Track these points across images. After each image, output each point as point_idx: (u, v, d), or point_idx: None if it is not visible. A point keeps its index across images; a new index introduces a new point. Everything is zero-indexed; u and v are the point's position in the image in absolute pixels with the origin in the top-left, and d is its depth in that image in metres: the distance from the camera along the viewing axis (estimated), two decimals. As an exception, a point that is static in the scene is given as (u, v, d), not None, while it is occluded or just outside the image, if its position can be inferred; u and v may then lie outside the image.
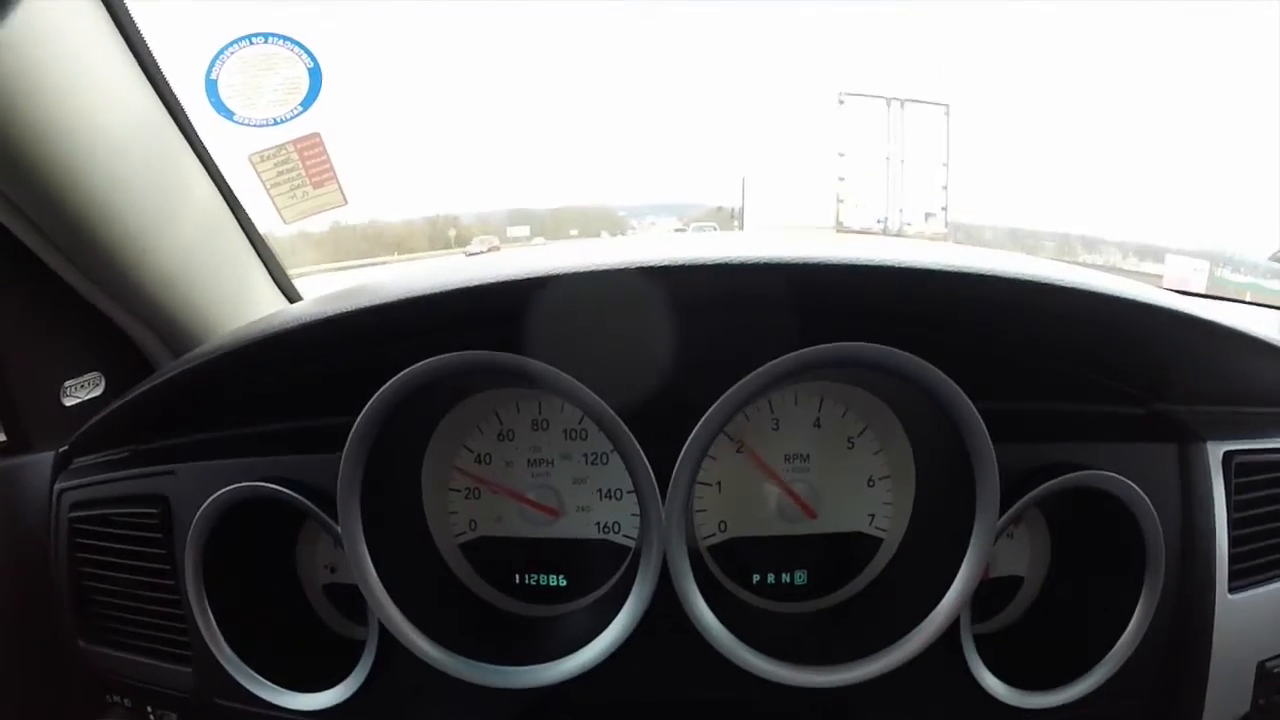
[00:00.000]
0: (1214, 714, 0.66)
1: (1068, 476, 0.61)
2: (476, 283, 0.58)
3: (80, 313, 0.78)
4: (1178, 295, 0.65)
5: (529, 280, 0.58)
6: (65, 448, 0.77)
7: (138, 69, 0.71)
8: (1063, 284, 0.57)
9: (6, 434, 0.77)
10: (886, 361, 0.56)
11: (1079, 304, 0.58)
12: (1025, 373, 0.66)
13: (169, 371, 0.68)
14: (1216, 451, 0.66)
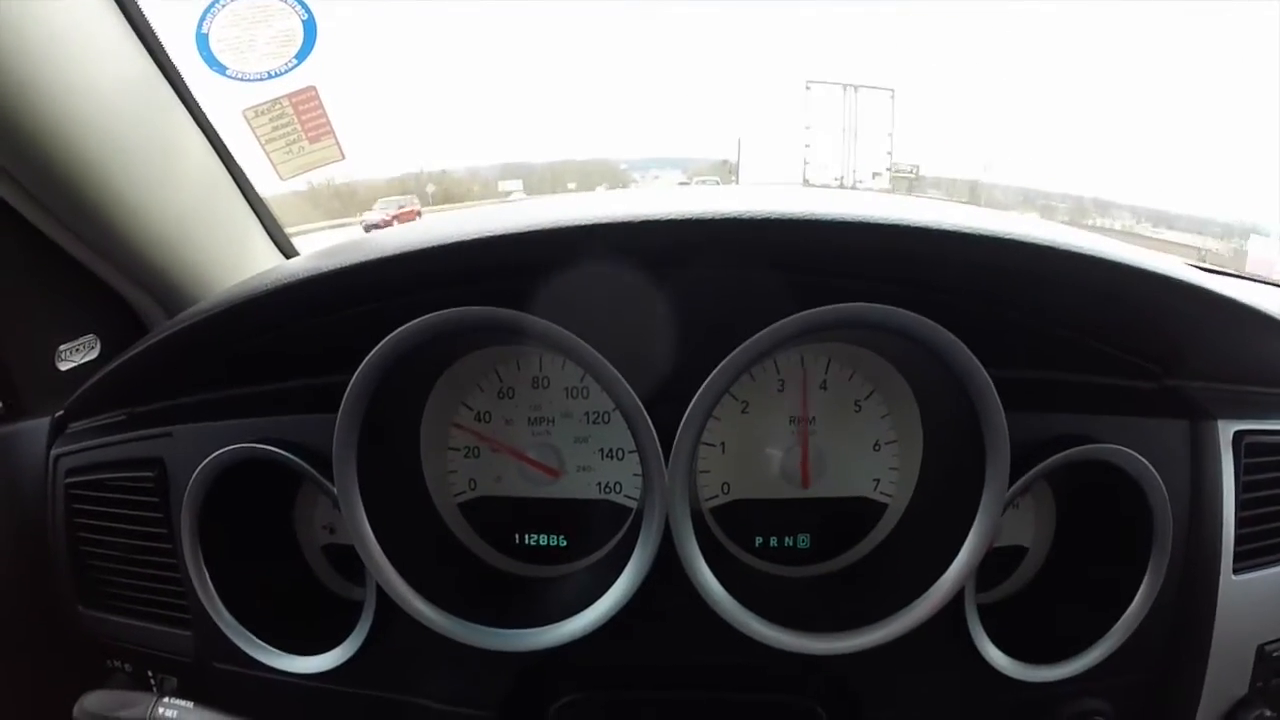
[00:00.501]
0: (1212, 694, 0.66)
1: (1079, 449, 0.60)
2: (476, 236, 0.56)
3: (74, 275, 0.77)
4: (1196, 269, 0.63)
5: (532, 234, 0.56)
6: (61, 412, 0.76)
7: (127, 24, 0.70)
8: (1078, 250, 0.55)
9: (2, 400, 0.76)
10: (899, 324, 0.55)
11: (1094, 272, 0.57)
12: (1037, 341, 0.65)
13: (163, 331, 0.67)
14: (1228, 431, 0.65)
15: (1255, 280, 1.15)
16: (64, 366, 0.78)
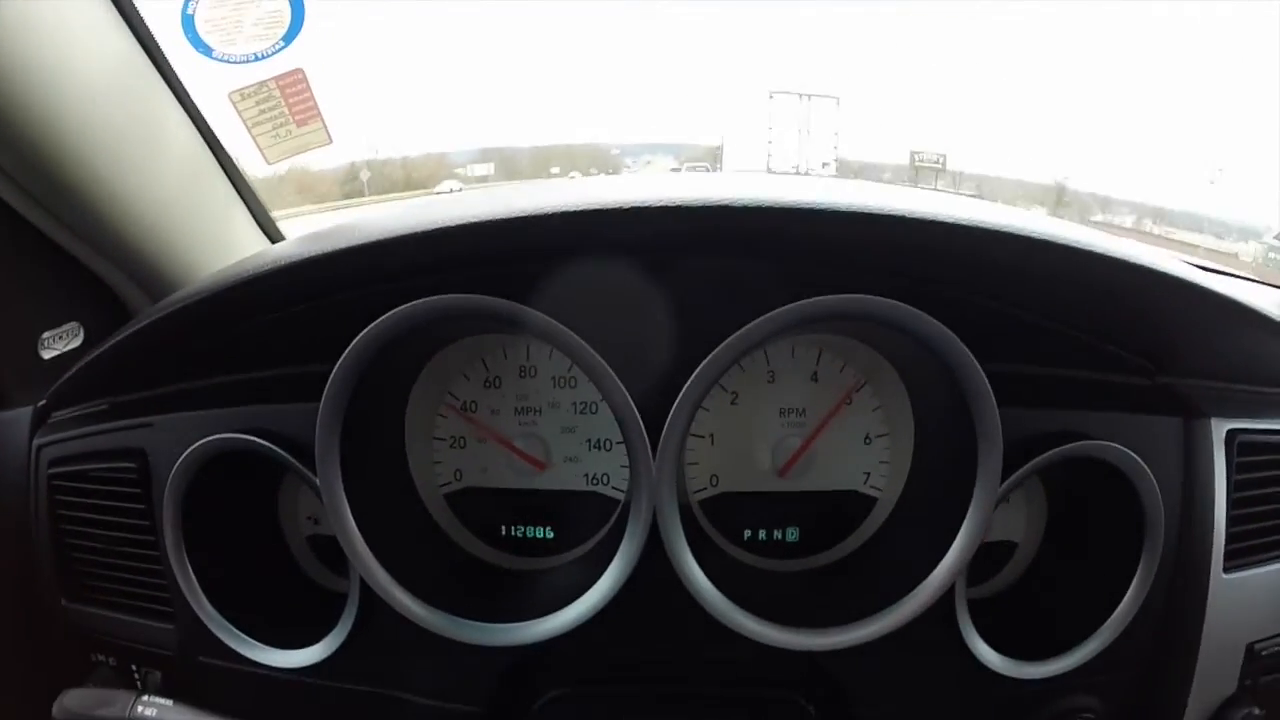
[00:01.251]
0: (1201, 692, 0.66)
1: (1071, 445, 0.60)
2: (462, 222, 0.56)
3: (57, 261, 0.76)
4: (1192, 266, 0.63)
5: (519, 219, 0.55)
6: (43, 402, 0.75)
7: (111, 5, 0.68)
8: (1073, 245, 0.55)
9: (-16, 389, 0.75)
10: (892, 316, 0.54)
11: (1089, 266, 0.56)
12: (1030, 336, 0.64)
13: (146, 318, 0.66)
14: (1220, 429, 0.65)
15: (1251, 279, 1.16)
16: (47, 355, 0.77)
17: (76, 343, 0.79)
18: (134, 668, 0.73)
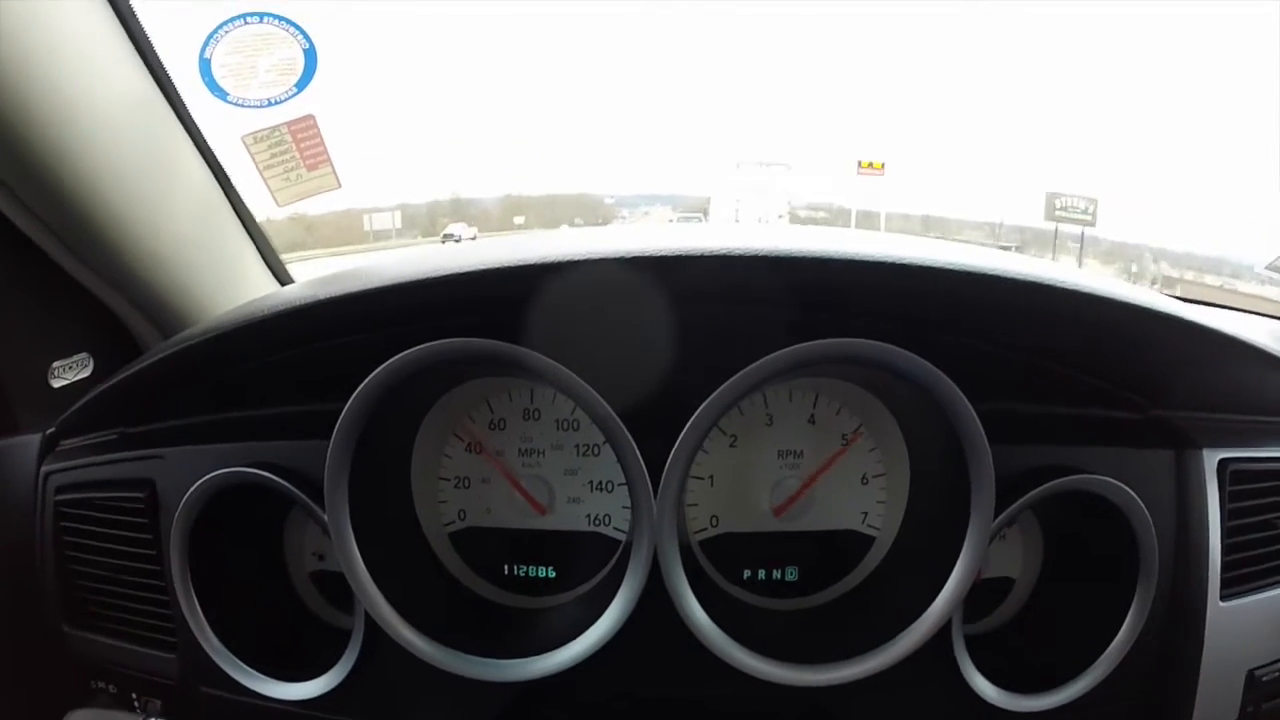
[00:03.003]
0: None
1: (1064, 480, 0.61)
2: (470, 269, 0.57)
3: (70, 293, 0.77)
4: (1177, 301, 0.64)
5: (524, 267, 0.57)
6: (52, 430, 0.76)
7: (131, 47, 0.70)
8: (1062, 285, 0.56)
9: (-7, 416, 0.76)
10: (884, 359, 0.56)
11: (1078, 306, 0.57)
12: (1022, 374, 0.65)
13: (157, 353, 0.67)
14: (1212, 459, 0.66)
15: (1236, 310, 1.17)
16: (57, 384, 0.78)
17: (86, 373, 0.80)
18: (134, 696, 0.73)
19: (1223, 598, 0.65)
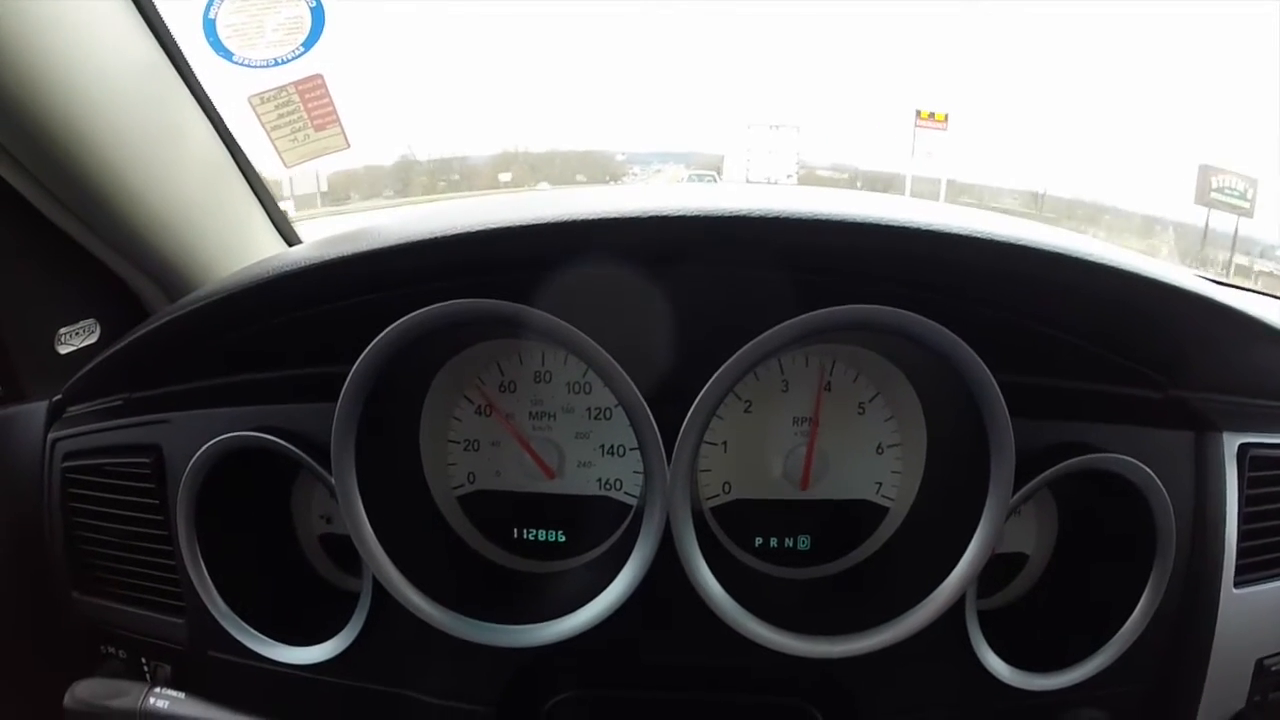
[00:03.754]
0: (1210, 707, 0.66)
1: (1083, 458, 0.60)
2: (480, 228, 0.56)
3: (76, 258, 0.76)
4: (1206, 280, 0.63)
5: (536, 227, 0.56)
6: (59, 396, 0.75)
7: (134, 9, 0.69)
8: (1087, 258, 0.55)
9: (0, 383, 0.76)
10: (905, 327, 0.55)
11: (1104, 280, 0.56)
12: (1043, 348, 0.64)
13: (163, 317, 0.66)
14: (1232, 443, 0.65)
15: (1264, 294, 1.15)
16: (63, 350, 0.78)
17: (92, 339, 0.80)
18: (143, 660, 0.73)
19: (1236, 585, 0.64)
